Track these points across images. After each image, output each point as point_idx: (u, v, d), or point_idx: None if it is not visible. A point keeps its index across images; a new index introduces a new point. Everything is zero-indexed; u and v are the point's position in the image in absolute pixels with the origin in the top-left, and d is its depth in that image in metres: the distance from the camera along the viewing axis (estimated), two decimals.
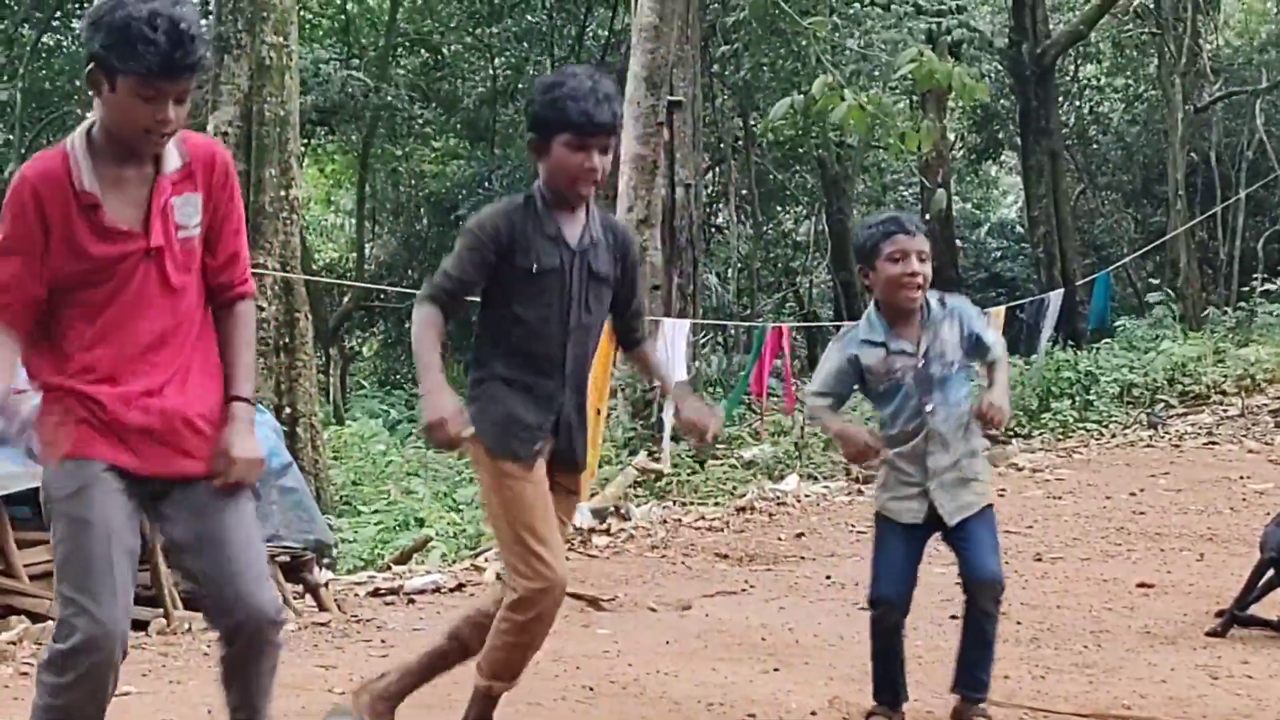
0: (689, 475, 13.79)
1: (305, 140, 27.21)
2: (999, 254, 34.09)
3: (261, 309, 11.97)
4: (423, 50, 30.48)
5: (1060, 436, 16.87)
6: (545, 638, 4.71)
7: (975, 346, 5.14)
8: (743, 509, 12.26)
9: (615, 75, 25.63)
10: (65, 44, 28.39)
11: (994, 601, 5.16)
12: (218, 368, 4.03)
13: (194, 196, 3.93)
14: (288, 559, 8.77)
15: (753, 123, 26.81)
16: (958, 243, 30.75)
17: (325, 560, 9.10)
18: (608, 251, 4.79)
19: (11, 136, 24.80)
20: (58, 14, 26.69)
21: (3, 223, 3.81)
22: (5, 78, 24.41)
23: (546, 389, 4.70)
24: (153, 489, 3.91)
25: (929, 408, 5.04)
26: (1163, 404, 18.30)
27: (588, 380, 4.91)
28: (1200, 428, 16.52)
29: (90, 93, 3.81)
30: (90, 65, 3.73)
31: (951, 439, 5.08)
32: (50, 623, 7.27)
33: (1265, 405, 17.74)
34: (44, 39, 26.98)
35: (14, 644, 6.87)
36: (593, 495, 11.63)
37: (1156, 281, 26.45)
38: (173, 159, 3.89)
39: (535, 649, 4.73)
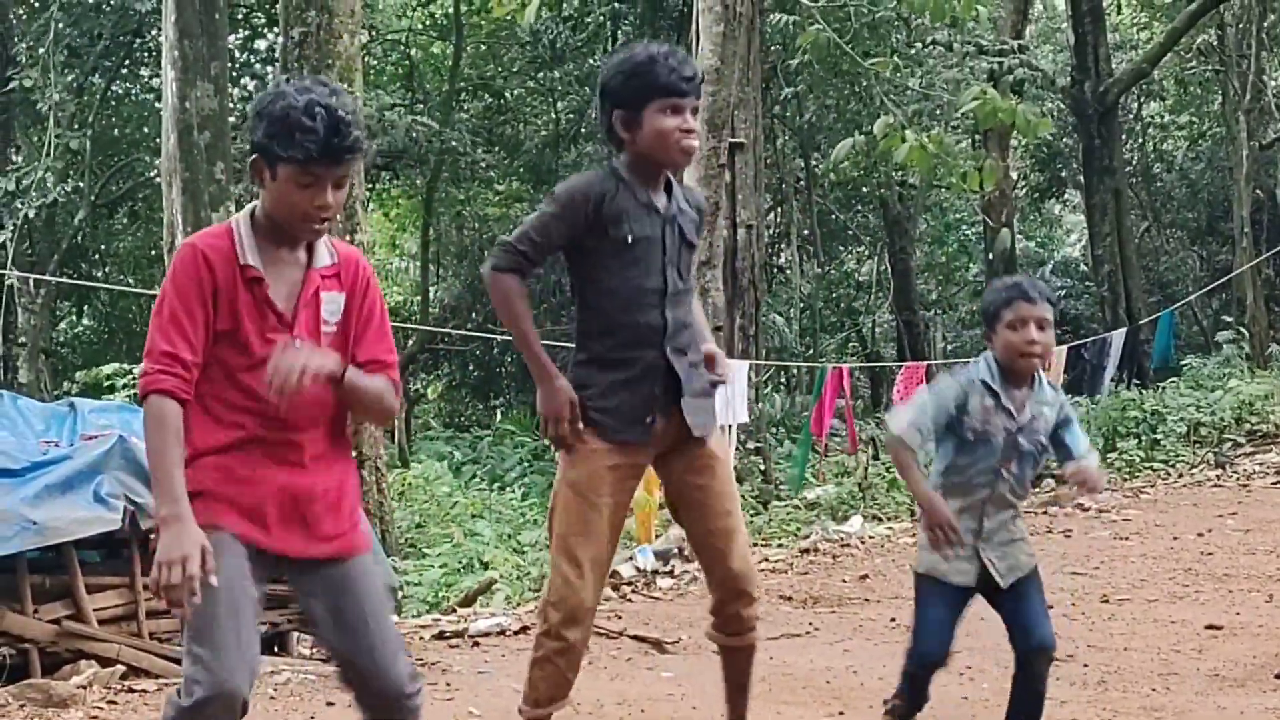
0: (752, 516, 13.75)
1: (370, 185, 27.43)
2: (1063, 293, 33.85)
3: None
4: (486, 95, 30.66)
5: (1127, 476, 16.75)
6: (567, 662, 4.73)
7: (1059, 441, 5.15)
8: (806, 550, 12.23)
9: None
10: (134, 92, 28.74)
11: (1047, 664, 5.21)
12: (349, 449, 4.18)
13: (339, 296, 4.07)
14: None
15: (815, 163, 26.84)
16: None
17: (391, 603, 9.12)
18: (689, 219, 4.79)
19: (81, 184, 25.10)
20: (126, 63, 27.02)
21: (172, 289, 3.92)
22: (75, 126, 24.70)
23: (649, 359, 4.67)
24: (285, 560, 4.04)
25: (1004, 474, 5.05)
26: (1230, 443, 18.14)
27: (696, 345, 4.81)
28: (1269, 467, 16.36)
29: (254, 182, 4.02)
30: (254, 155, 3.95)
31: (1009, 505, 5.12)
32: (120, 667, 7.35)
33: None
34: (112, 88, 27.31)
35: (84, 688, 6.92)
36: (656, 537, 11.62)
37: (1229, 320, 26.23)
38: (324, 256, 4.06)
39: (558, 669, 4.73)
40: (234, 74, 24.94)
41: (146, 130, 26.98)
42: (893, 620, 8.96)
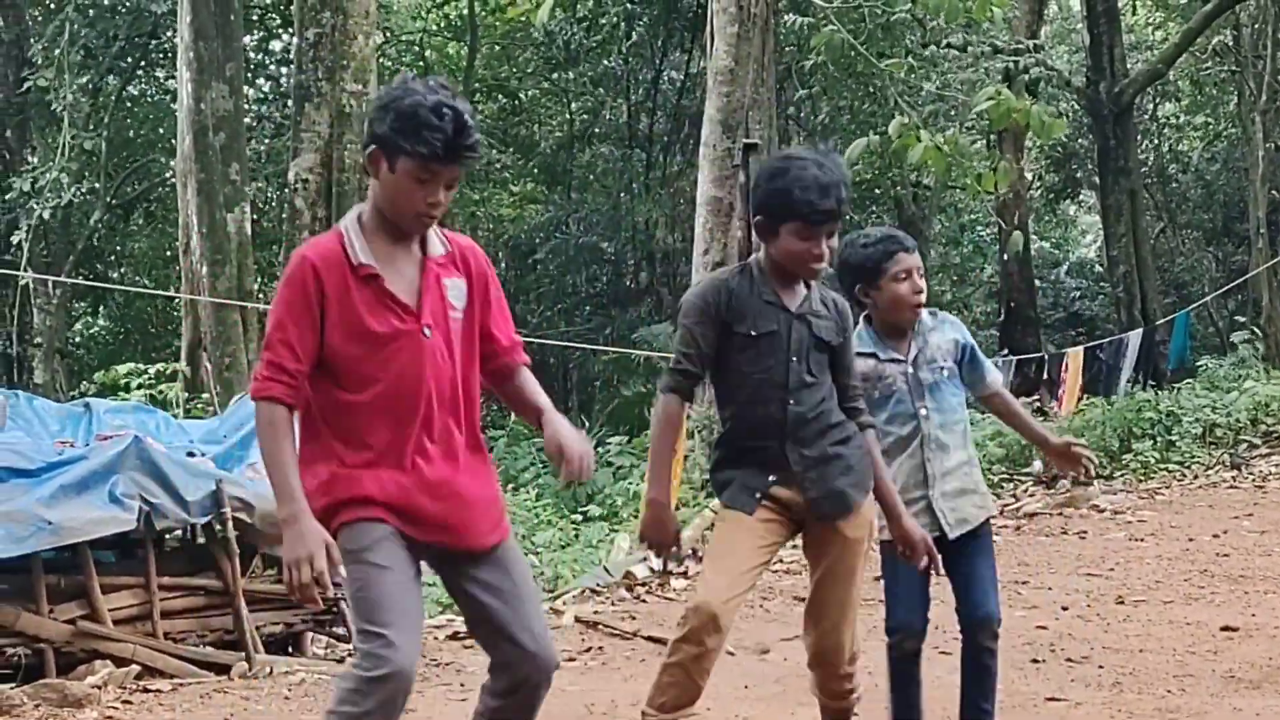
0: None
1: None
2: (1078, 294, 33.85)
3: None
4: (500, 96, 30.68)
5: (1142, 478, 16.68)
6: (698, 669, 4.77)
7: (970, 362, 5.15)
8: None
9: (690, 119, 25.73)
10: (149, 93, 28.79)
11: (993, 638, 5.15)
12: (482, 441, 4.29)
13: (459, 281, 4.21)
14: None
15: None
16: (1036, 282, 30.56)
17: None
18: (831, 321, 4.85)
19: (97, 185, 25.15)
20: (142, 64, 27.07)
21: (281, 300, 4.06)
22: (90, 127, 24.76)
23: (771, 452, 4.78)
24: (439, 551, 4.19)
25: (923, 412, 5.03)
26: (1246, 444, 18.07)
27: (834, 433, 4.86)
28: None
29: (368, 173, 4.13)
30: (372, 147, 4.06)
31: (949, 444, 5.09)
32: (135, 667, 7.37)
33: None
34: (128, 89, 27.36)
35: (99, 688, 6.94)
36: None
37: (1243, 320, 26.15)
38: (436, 245, 4.19)
39: (687, 676, 4.78)
40: (249, 75, 25.02)
41: (162, 131, 27.03)
42: None
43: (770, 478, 4.77)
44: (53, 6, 25.85)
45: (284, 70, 26.09)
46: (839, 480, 4.81)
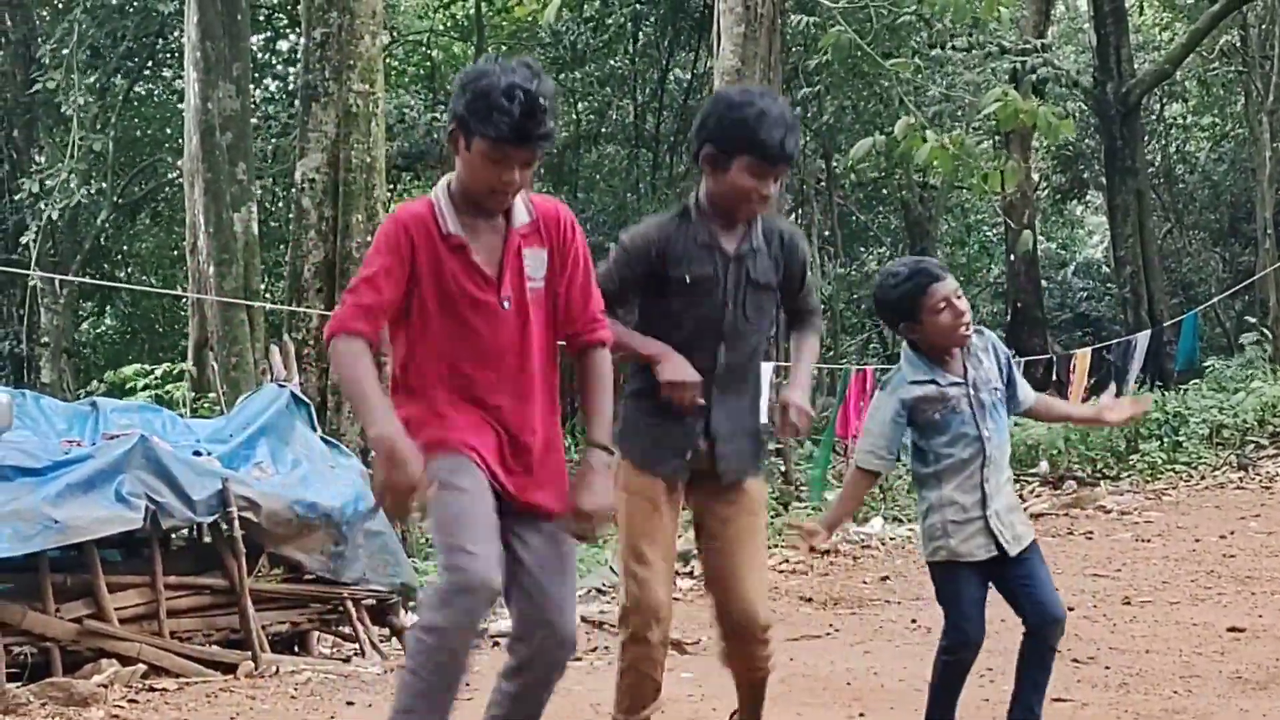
0: (772, 518, 13.72)
1: (391, 186, 27.39)
2: (1085, 294, 33.82)
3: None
4: None
5: (1149, 478, 16.69)
6: (650, 664, 4.74)
7: (1009, 383, 5.16)
8: (827, 552, 12.20)
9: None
10: (156, 94, 28.81)
11: (1059, 634, 5.15)
12: (557, 408, 4.40)
13: (540, 251, 4.28)
14: (374, 602, 8.83)
15: (835, 164, 26.82)
16: (1043, 283, 30.53)
17: (411, 603, 9.14)
18: (769, 259, 4.80)
19: (104, 185, 25.17)
20: (149, 64, 27.08)
21: (374, 251, 4.20)
22: (98, 127, 24.78)
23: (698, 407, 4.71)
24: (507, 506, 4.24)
25: (986, 434, 5.01)
26: (1253, 445, 18.07)
27: (749, 388, 4.89)
28: None
29: (450, 149, 4.22)
30: (452, 125, 4.16)
31: (1001, 464, 5.09)
32: (141, 666, 7.37)
33: None
34: (135, 89, 27.38)
35: (105, 687, 6.94)
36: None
37: (1252, 320, 26.10)
38: (521, 214, 4.26)
39: (642, 675, 4.75)
40: (256, 75, 25.01)
41: (169, 131, 27.08)
42: (913, 622, 8.94)
43: (698, 429, 4.72)
44: (60, 7, 25.86)
45: (291, 70, 26.08)
46: (749, 442, 4.84)
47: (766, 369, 13.90)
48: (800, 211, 29.40)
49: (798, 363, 5.02)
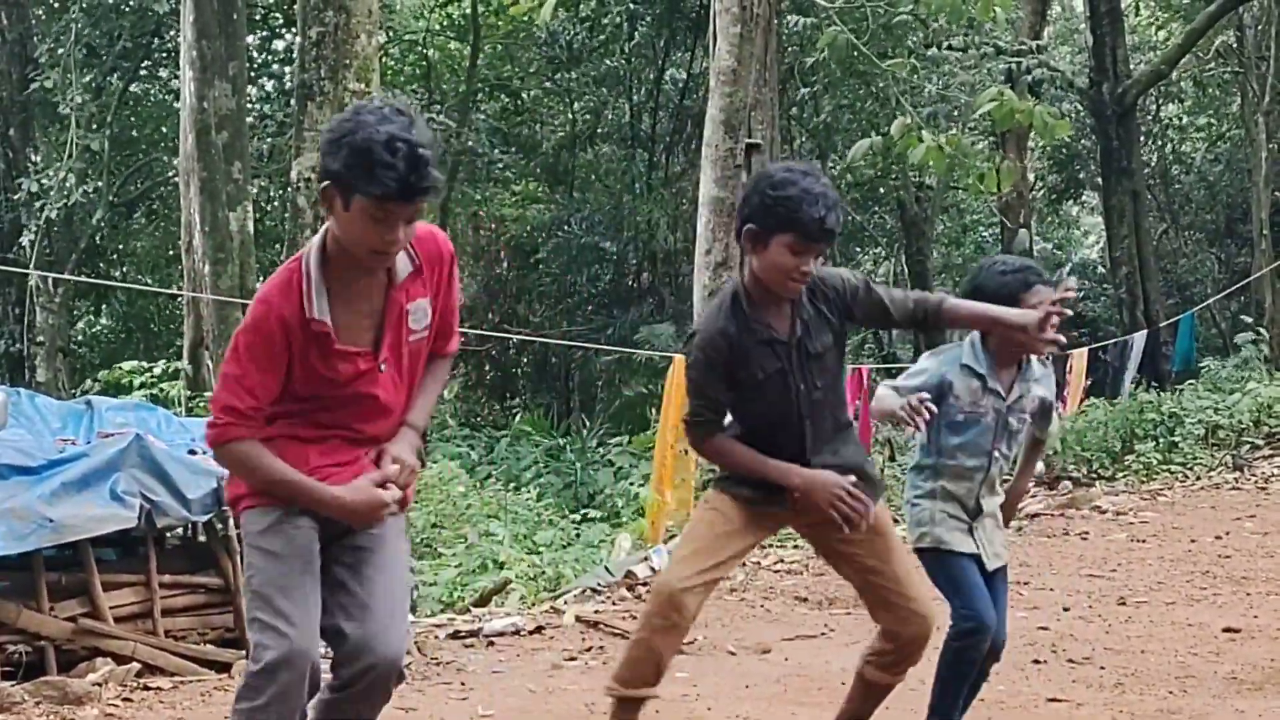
0: None
1: None
2: (1080, 294, 33.73)
3: None
4: (502, 95, 30.64)
5: (1144, 479, 16.68)
6: (658, 652, 4.85)
7: (1043, 419, 5.16)
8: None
9: (692, 119, 25.71)
10: (152, 93, 28.80)
11: (996, 660, 5.23)
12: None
13: (424, 302, 4.13)
14: None
15: (831, 164, 26.81)
16: None
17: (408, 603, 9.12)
18: (821, 320, 4.79)
19: (100, 184, 25.15)
20: (145, 63, 27.07)
21: (243, 346, 4.01)
22: (94, 126, 24.76)
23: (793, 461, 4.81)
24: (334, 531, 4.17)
25: (996, 454, 5.01)
26: (1249, 445, 18.05)
27: (843, 435, 4.94)
28: None
29: (323, 208, 3.98)
30: (325, 183, 3.90)
31: (997, 486, 5.13)
32: (136, 665, 7.36)
33: None
34: (131, 88, 27.37)
35: (100, 686, 6.93)
36: (670, 538, 11.60)
37: (1249, 320, 26.12)
38: (404, 266, 4.07)
39: (648, 655, 4.86)
40: (252, 74, 25.01)
41: (165, 130, 27.05)
42: None
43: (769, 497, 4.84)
44: (57, 6, 25.86)
45: (287, 69, 26.06)
46: (857, 480, 4.84)
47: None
48: None
49: (980, 308, 4.92)
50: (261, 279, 22.60)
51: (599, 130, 29.60)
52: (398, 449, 4.16)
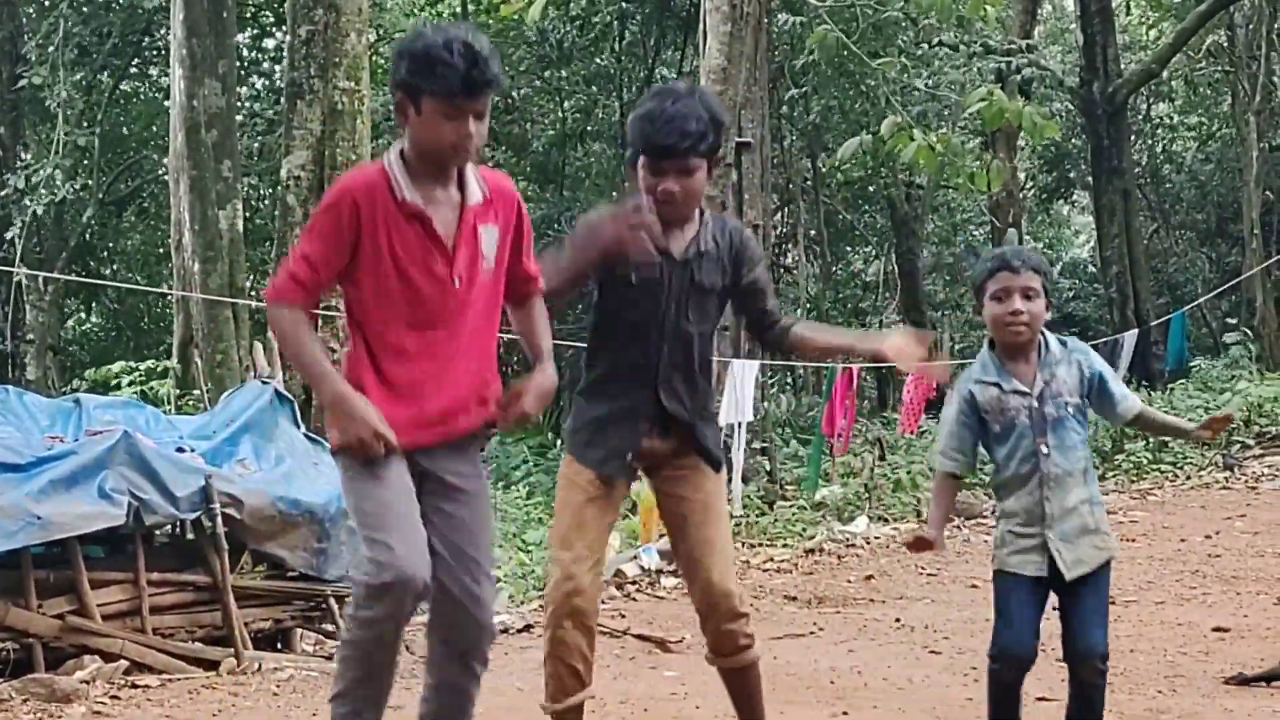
0: (757, 517, 13.71)
1: None
2: (1071, 294, 33.83)
3: (334, 350, 12.05)
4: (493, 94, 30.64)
5: (1134, 478, 16.70)
6: (568, 651, 4.73)
7: (1100, 393, 5.00)
8: (811, 551, 12.20)
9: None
10: (142, 90, 28.77)
11: (1097, 673, 5.02)
12: (493, 394, 4.43)
13: (494, 229, 4.31)
14: None
15: (821, 164, 26.82)
16: None
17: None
18: (715, 262, 4.82)
19: (90, 181, 25.13)
20: (135, 61, 27.04)
21: (316, 224, 4.23)
22: (84, 124, 24.75)
23: (637, 397, 4.78)
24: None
25: (1044, 450, 4.86)
26: (1239, 445, 18.08)
27: (698, 382, 4.90)
28: (1277, 469, 16.32)
29: (399, 121, 4.23)
30: (398, 95, 4.16)
31: (1069, 483, 4.91)
32: (123, 662, 7.35)
33: None
34: (121, 86, 27.35)
35: (87, 683, 6.92)
36: (660, 536, 11.60)
37: (1234, 321, 26.15)
38: (475, 192, 4.27)
39: (559, 661, 4.74)
40: (241, 72, 25.00)
41: (155, 128, 27.04)
42: (897, 621, 8.94)
43: (641, 429, 4.79)
44: (47, 4, 25.81)
45: (277, 67, 26.05)
46: (702, 423, 4.89)
47: (752, 366, 13.91)
48: (786, 211, 29.42)
49: (834, 334, 5.17)
50: (251, 277, 22.65)
51: (589, 129, 29.58)
52: (528, 384, 4.39)
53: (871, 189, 29.25)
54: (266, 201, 27.36)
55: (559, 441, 21.43)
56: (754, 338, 5.18)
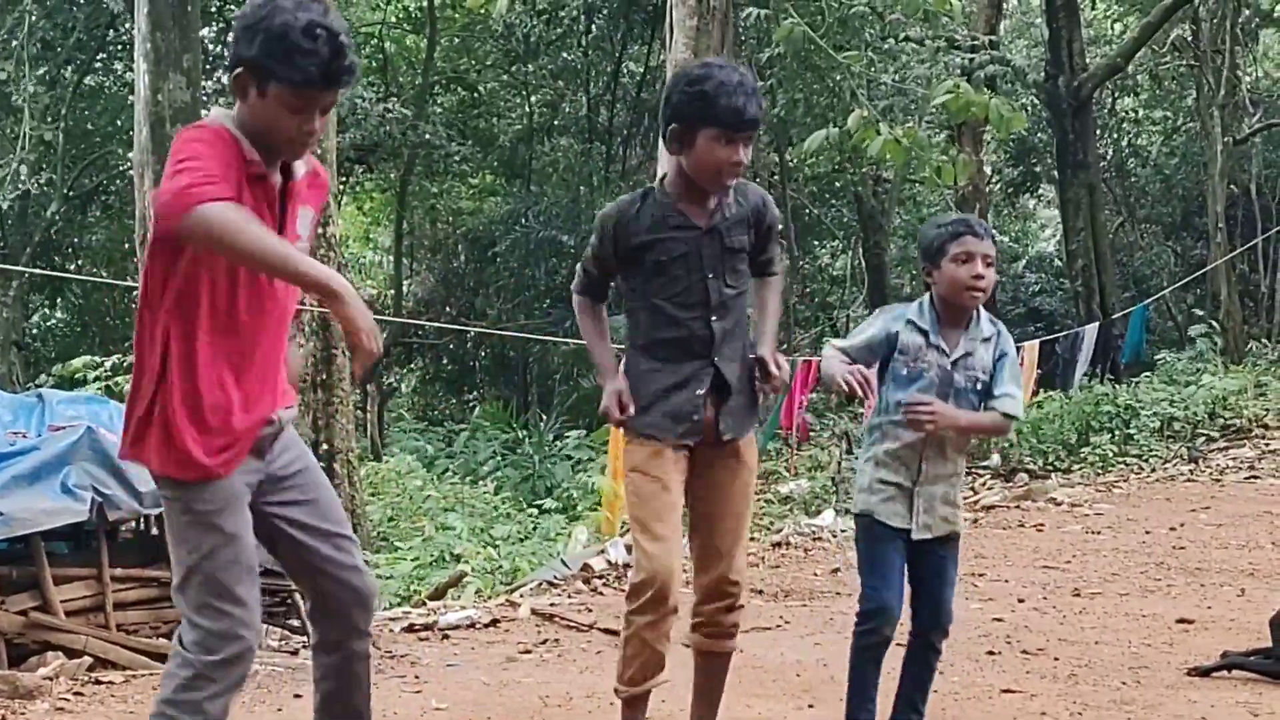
0: None
1: (343, 178, 27.37)
2: (1037, 288, 33.92)
3: (300, 345, 12.01)
4: (460, 88, 30.60)
5: (1099, 471, 16.76)
6: (656, 636, 4.81)
7: (992, 380, 5.05)
8: (778, 544, 12.21)
9: (650, 112, 25.67)
10: (107, 85, 28.63)
11: (943, 638, 5.15)
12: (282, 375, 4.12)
13: (309, 211, 4.03)
14: None
15: (788, 158, 26.83)
16: (995, 277, 30.60)
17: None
18: (741, 223, 4.86)
19: (54, 176, 25.00)
20: (99, 56, 26.91)
21: (200, 143, 3.67)
22: (48, 119, 24.62)
23: (697, 367, 4.81)
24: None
25: None
26: (1203, 438, 18.17)
27: (741, 351, 4.92)
28: (1241, 462, 16.41)
29: (235, 96, 3.79)
30: (239, 71, 3.74)
31: (949, 453, 5.03)
32: (87, 659, 7.30)
33: None
34: (86, 80, 27.21)
35: (51, 680, 6.88)
36: (625, 531, 11.60)
37: (1200, 314, 26.26)
38: (299, 166, 3.93)
39: (648, 647, 4.82)
40: (207, 67, 24.84)
41: (119, 123, 26.90)
42: None
43: (699, 399, 4.80)
44: None
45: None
46: (747, 401, 4.92)
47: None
48: None
49: (764, 318, 5.08)
50: None
51: (556, 123, 29.60)
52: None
53: (838, 183, 29.31)
54: None
55: (527, 437, 21.42)
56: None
